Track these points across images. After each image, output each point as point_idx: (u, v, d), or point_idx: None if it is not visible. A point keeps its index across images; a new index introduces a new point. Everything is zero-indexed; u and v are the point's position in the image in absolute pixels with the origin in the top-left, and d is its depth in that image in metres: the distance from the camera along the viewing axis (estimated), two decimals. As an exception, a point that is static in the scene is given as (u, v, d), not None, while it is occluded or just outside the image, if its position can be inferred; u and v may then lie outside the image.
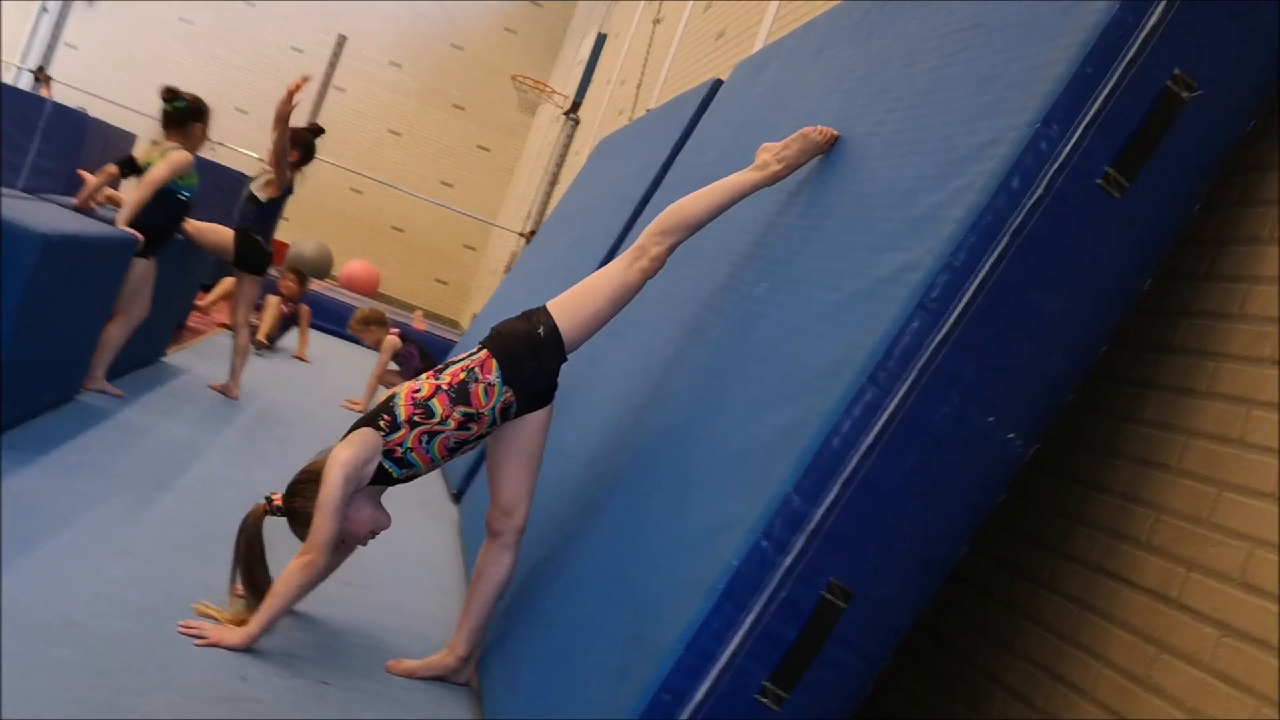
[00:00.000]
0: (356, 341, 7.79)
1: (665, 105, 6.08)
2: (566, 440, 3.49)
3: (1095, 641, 1.97)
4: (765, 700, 1.82)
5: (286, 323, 7.89)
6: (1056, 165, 1.91)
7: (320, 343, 8.92)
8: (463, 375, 2.58)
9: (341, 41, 10.06)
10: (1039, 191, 1.90)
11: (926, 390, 1.88)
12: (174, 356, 5.99)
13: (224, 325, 7.50)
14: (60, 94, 12.75)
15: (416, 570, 3.65)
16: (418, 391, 2.59)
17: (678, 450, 2.48)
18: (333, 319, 10.23)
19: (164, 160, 4.58)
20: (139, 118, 13.84)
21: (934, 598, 1.97)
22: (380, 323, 7.03)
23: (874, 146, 2.51)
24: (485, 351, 2.62)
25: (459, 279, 18.16)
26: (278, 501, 2.67)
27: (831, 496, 1.86)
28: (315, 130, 5.69)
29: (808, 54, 3.61)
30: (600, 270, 2.75)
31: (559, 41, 18.62)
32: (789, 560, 1.84)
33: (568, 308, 2.66)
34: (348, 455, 2.54)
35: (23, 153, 8.19)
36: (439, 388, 2.58)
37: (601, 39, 11.77)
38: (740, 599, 1.83)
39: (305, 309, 7.99)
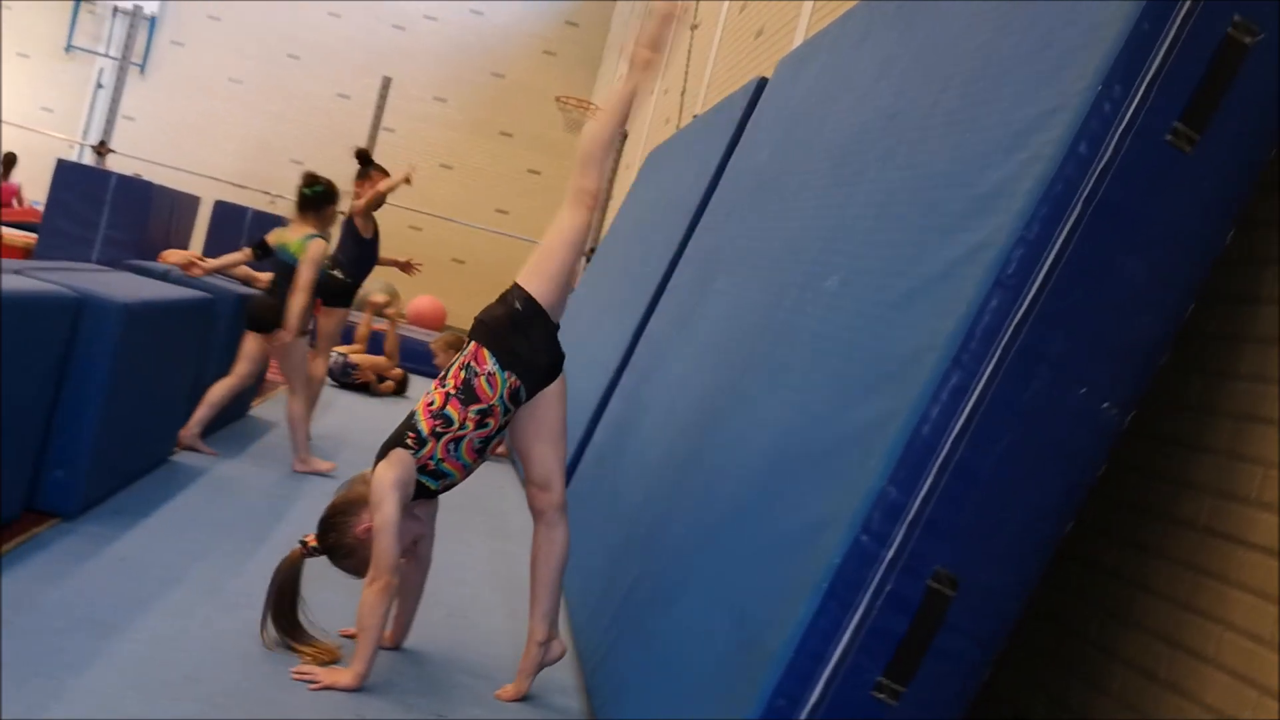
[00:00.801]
0: (431, 375, 7.89)
1: (712, 109, 6.08)
2: (648, 453, 3.50)
3: (1213, 605, 1.92)
4: (882, 696, 1.81)
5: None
6: (1123, 126, 1.87)
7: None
8: (463, 374, 2.63)
9: (387, 84, 10.21)
10: (1108, 155, 1.87)
11: (1013, 368, 1.85)
12: (259, 409, 6.12)
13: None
14: (122, 164, 13.11)
15: (508, 592, 3.68)
16: (432, 403, 2.63)
17: (764, 452, 2.48)
18: (405, 355, 10.35)
19: (308, 259, 4.72)
20: (199, 179, 14.19)
21: (1043, 577, 1.94)
22: (458, 347, 7.16)
23: (932, 128, 2.48)
24: (474, 344, 2.66)
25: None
26: (313, 543, 2.69)
27: (927, 485, 1.84)
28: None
29: (851, 44, 3.59)
30: (552, 227, 2.85)
31: (598, 58, 18.70)
32: (891, 553, 1.83)
33: (535, 274, 2.74)
34: (394, 475, 2.57)
35: (94, 227, 8.43)
36: (448, 394, 2.62)
37: (640, 51, 11.82)
38: (845, 597, 1.82)
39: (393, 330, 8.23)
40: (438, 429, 2.60)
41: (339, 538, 2.64)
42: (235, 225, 9.30)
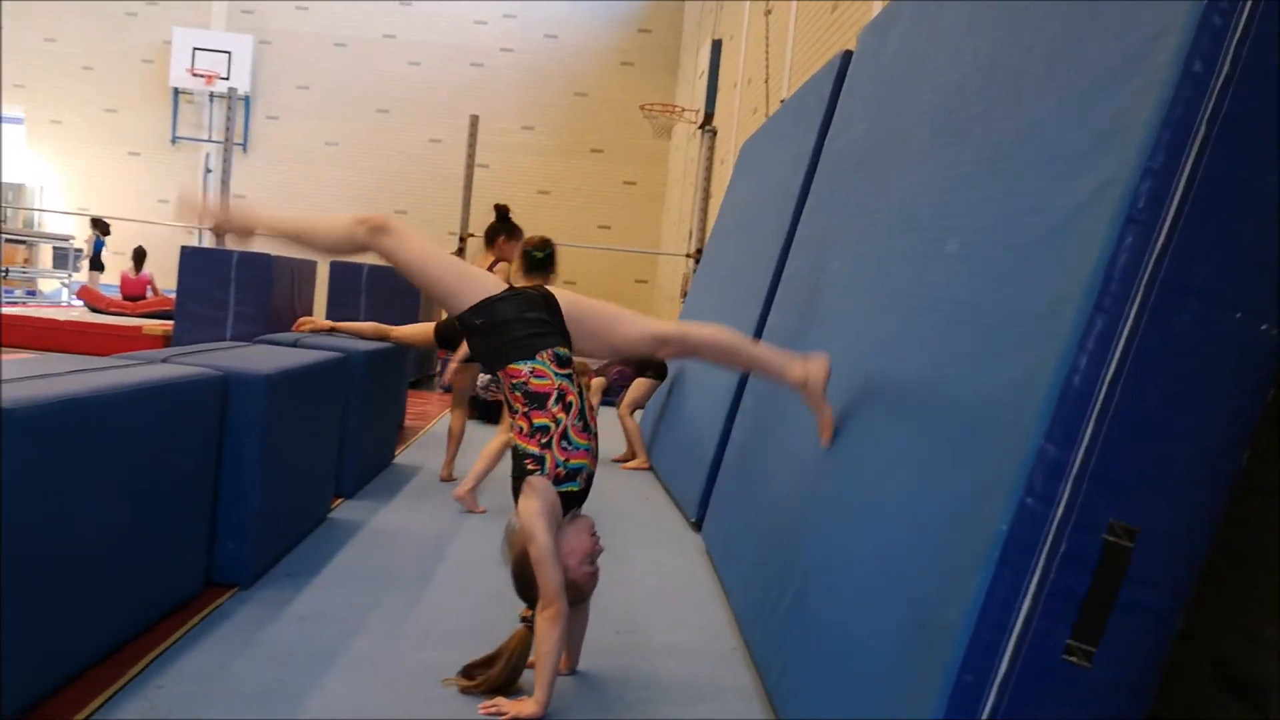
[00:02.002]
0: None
1: (799, 91, 6.02)
2: (789, 443, 3.47)
3: None
4: (1074, 659, 1.76)
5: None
6: (1237, 36, 1.79)
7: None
8: (516, 393, 2.68)
9: (475, 122, 10.40)
10: (1225, 69, 1.79)
11: (1159, 305, 1.78)
12: (402, 456, 6.29)
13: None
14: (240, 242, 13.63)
15: (677, 606, 3.70)
16: (522, 430, 2.69)
17: (908, 426, 2.44)
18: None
19: None
20: (313, 244, 14.62)
21: (1226, 514, 1.86)
22: (583, 372, 7.32)
23: (1032, 71, 2.41)
24: (477, 366, 2.73)
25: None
26: (527, 614, 2.73)
27: (1087, 437, 1.78)
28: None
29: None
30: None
31: (675, 61, 18.72)
32: (1059, 512, 1.77)
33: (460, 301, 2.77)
34: (536, 504, 2.62)
35: (224, 305, 8.81)
36: (526, 413, 2.67)
37: (717, 45, 11.77)
38: (1019, 562, 1.77)
39: None
40: (543, 440, 2.65)
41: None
42: (353, 283, 9.58)
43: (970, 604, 1.79)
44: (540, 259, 4.98)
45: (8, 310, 11.40)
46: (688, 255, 12.09)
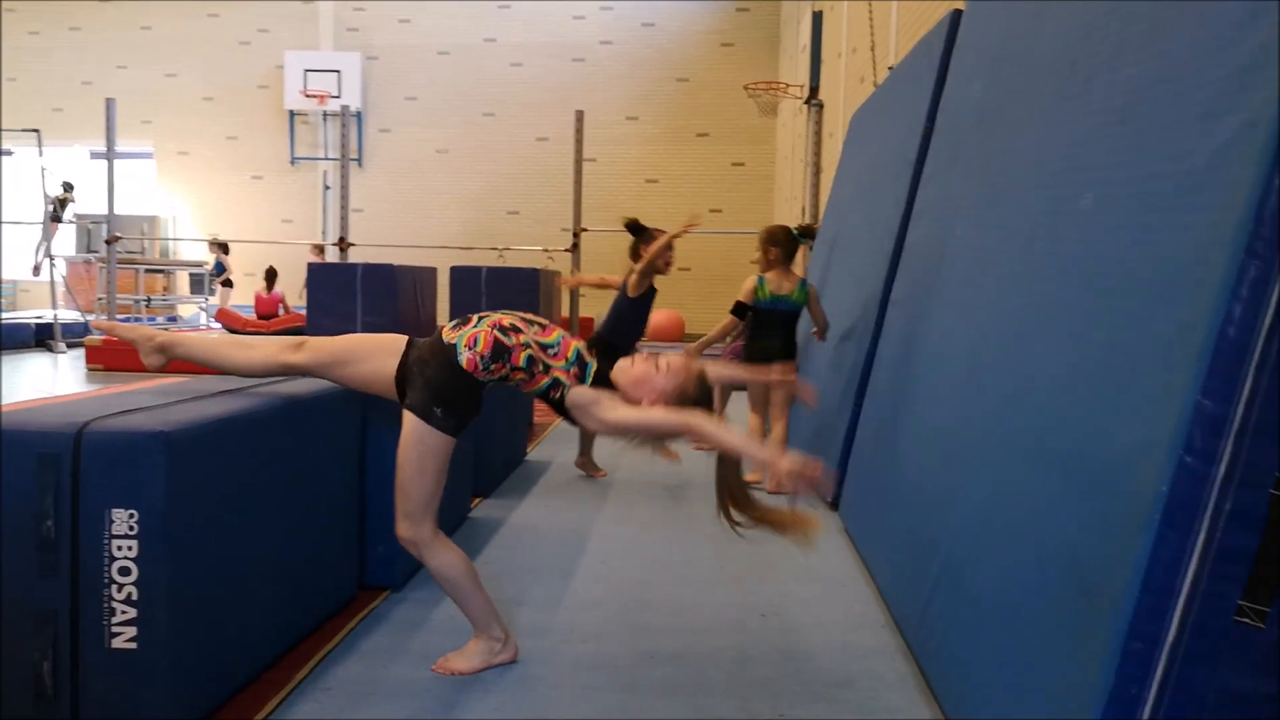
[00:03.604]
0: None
1: (908, 56, 5.89)
2: (927, 414, 3.41)
3: None
4: (1247, 620, 1.69)
5: None
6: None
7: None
8: (520, 375, 2.71)
9: (580, 117, 10.44)
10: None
11: (1319, 245, 1.69)
12: (534, 452, 6.39)
13: None
14: (362, 254, 14.00)
15: (822, 586, 3.67)
16: (536, 383, 2.73)
17: (1053, 390, 2.37)
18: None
19: (817, 298, 5.72)
20: (430, 251, 14.96)
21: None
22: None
23: (1164, 12, 2.30)
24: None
25: (756, 295, 18.29)
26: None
27: (1247, 390, 1.70)
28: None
29: (1045, -51, 3.39)
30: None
31: (775, 37, 18.52)
32: (1222, 470, 1.70)
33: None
34: (596, 405, 2.67)
35: (351, 317, 9.04)
36: (524, 377, 2.72)
37: (818, 17, 11.59)
38: (1183, 523, 1.71)
39: None
40: (541, 369, 2.71)
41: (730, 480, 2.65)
42: (473, 285, 9.72)
43: (1134, 568, 1.74)
44: (797, 242, 5.51)
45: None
46: (800, 225, 11.95)
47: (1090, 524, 1.97)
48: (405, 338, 2.83)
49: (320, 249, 15.29)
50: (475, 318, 2.73)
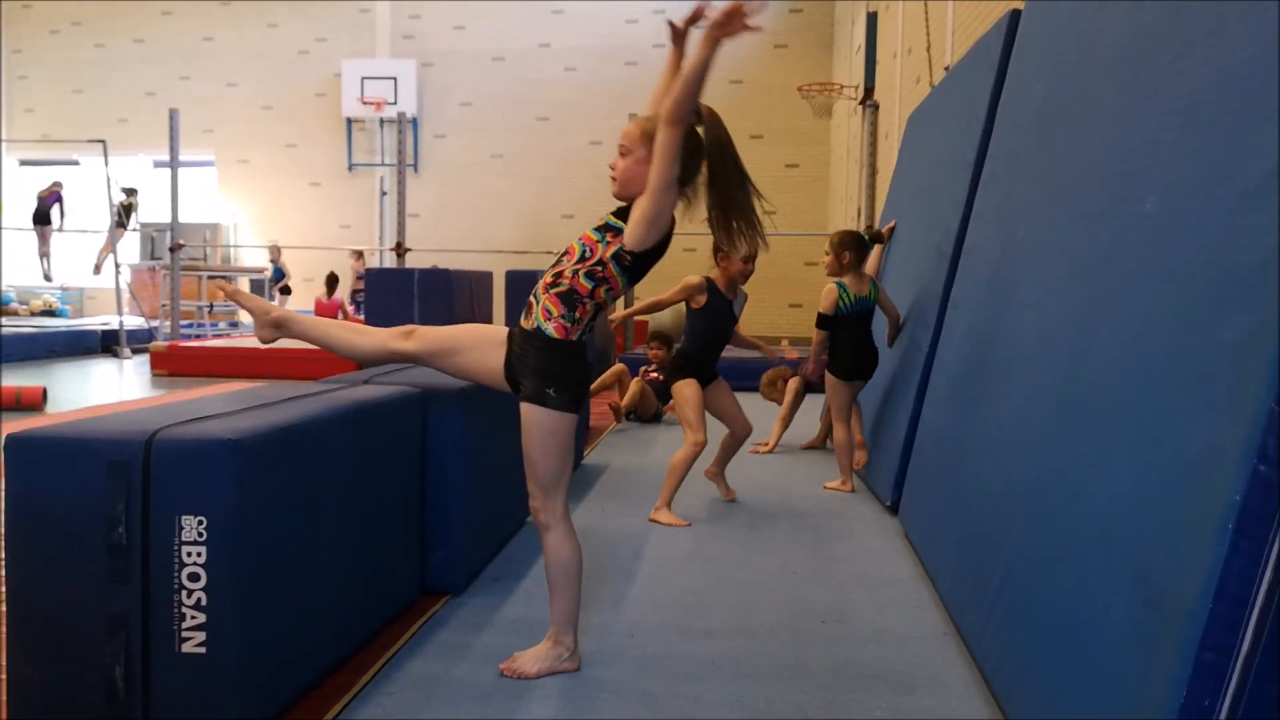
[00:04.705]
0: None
1: (965, 57, 5.83)
2: (989, 419, 3.38)
3: None
4: (1325, 632, 1.65)
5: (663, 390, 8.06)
6: None
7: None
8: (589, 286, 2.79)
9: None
10: None
11: (1396, 247, 1.65)
12: (590, 456, 6.41)
13: (611, 406, 8.01)
14: (419, 259, 14.17)
15: (882, 592, 3.64)
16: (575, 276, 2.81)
17: (1120, 396, 2.33)
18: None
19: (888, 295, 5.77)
20: (486, 255, 15.06)
21: None
22: (785, 378, 7.34)
23: (1231, 10, 2.26)
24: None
25: (809, 298, 18.16)
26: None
27: (1323, 394, 1.67)
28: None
29: (1107, -54, 3.34)
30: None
31: (829, 38, 18.43)
32: (1298, 476, 1.67)
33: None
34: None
35: (408, 321, 9.17)
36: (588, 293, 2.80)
37: (873, 17, 11.51)
38: (1256, 533, 1.67)
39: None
40: (590, 264, 2.80)
41: None
42: (528, 289, 9.78)
43: (1206, 578, 1.70)
44: (865, 250, 5.49)
45: (216, 343, 12.14)
46: (868, 227, 11.88)
47: (1161, 531, 1.93)
48: (506, 329, 2.94)
49: (360, 254, 15.46)
50: (531, 300, 2.84)
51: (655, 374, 8.09)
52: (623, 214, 2.80)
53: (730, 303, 5.05)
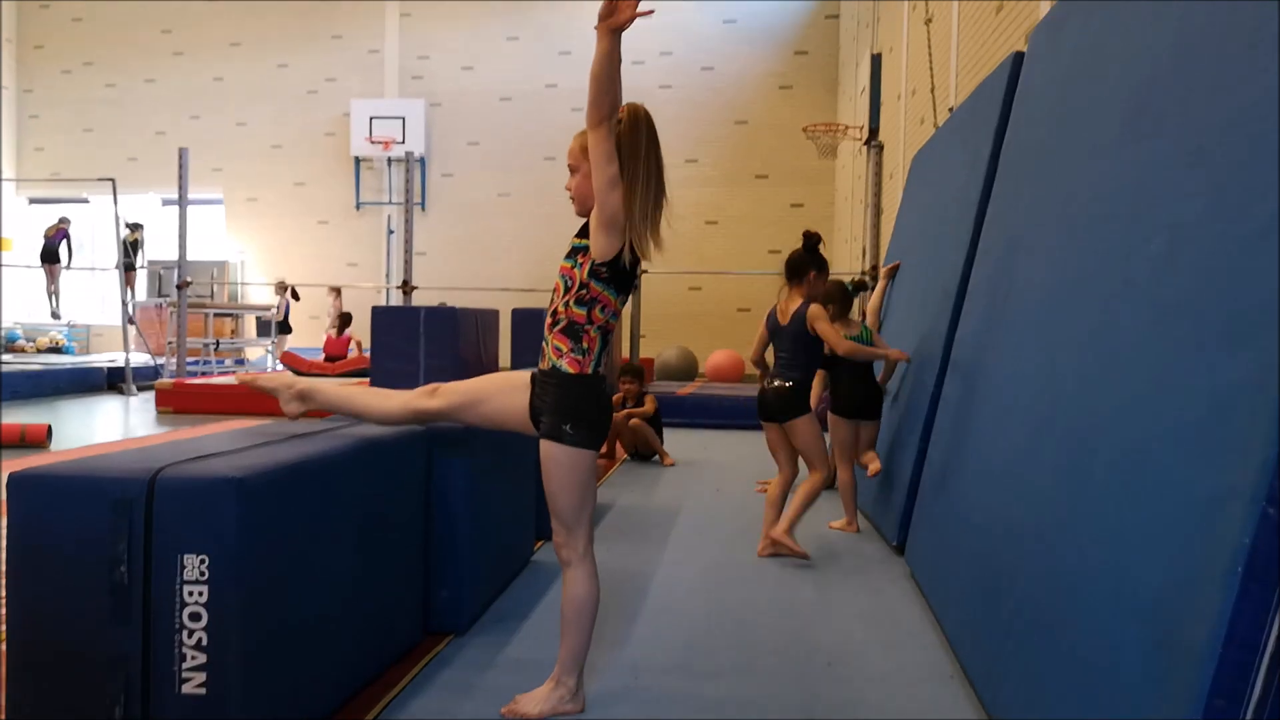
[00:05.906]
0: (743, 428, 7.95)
1: (969, 98, 5.87)
2: (993, 459, 3.36)
3: None
4: (1337, 678, 1.63)
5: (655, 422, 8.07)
6: None
7: (700, 437, 9.34)
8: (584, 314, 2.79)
9: (640, 160, 10.56)
10: None
11: (1404, 288, 1.64)
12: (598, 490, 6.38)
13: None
14: (426, 297, 14.19)
15: (888, 633, 3.61)
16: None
17: (1126, 438, 2.32)
18: (712, 413, 10.63)
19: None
20: (492, 293, 15.10)
21: None
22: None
23: (1237, 51, 2.27)
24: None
25: (816, 336, 18.21)
26: None
27: (1330, 438, 1.66)
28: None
29: (1109, -11, 3.37)
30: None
31: (834, 79, 18.56)
32: (1306, 520, 1.65)
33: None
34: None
35: (414, 359, 9.15)
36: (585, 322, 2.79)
37: (877, 59, 11.60)
38: (1267, 577, 1.66)
39: (648, 410, 8.01)
40: (576, 290, 2.80)
41: None
42: (535, 329, 9.78)
43: (1216, 622, 1.69)
44: (848, 301, 5.52)
45: (222, 380, 12.16)
46: (863, 274, 11.91)
47: (1171, 574, 1.92)
48: (528, 373, 2.94)
49: (338, 291, 15.45)
50: (542, 344, 2.85)
51: (631, 410, 7.99)
52: (584, 231, 2.83)
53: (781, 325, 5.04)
